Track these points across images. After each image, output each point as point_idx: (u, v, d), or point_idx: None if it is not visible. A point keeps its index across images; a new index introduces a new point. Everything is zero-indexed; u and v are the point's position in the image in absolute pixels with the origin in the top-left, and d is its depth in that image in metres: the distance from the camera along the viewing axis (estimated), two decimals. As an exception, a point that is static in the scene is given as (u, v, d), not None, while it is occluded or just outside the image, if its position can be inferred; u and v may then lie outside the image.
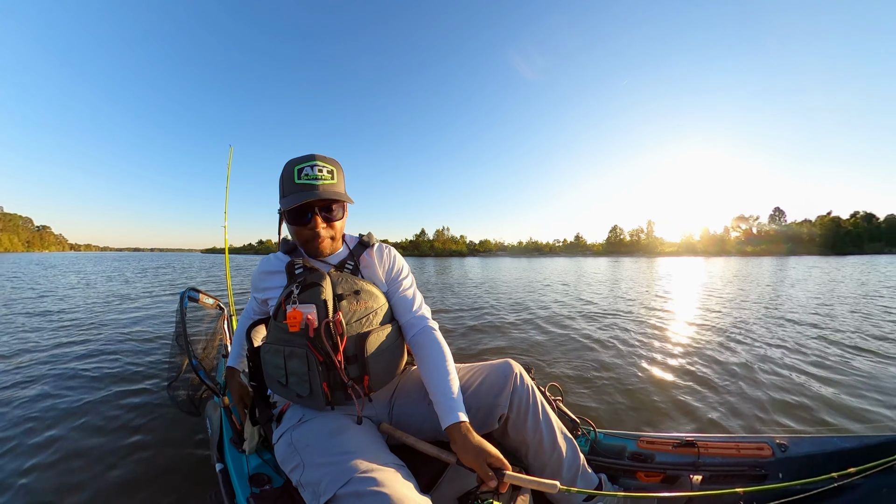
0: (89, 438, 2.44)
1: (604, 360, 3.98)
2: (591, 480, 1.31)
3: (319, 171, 1.17)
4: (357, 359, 1.17)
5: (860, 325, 5.61)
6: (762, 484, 1.28)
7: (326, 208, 1.22)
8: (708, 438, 1.36)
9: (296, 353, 1.13)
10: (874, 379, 3.33)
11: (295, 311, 1.10)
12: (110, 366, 3.85)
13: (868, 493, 1.16)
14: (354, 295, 1.21)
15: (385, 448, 1.11)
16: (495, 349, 4.68)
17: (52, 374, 3.62)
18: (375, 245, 1.42)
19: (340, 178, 1.23)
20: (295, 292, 1.14)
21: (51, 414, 2.78)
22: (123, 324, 5.93)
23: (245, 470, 1.31)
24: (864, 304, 7.58)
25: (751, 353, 4.21)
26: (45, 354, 4.27)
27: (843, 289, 10.58)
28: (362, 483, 0.90)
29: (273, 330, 1.23)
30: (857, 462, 1.19)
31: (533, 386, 1.35)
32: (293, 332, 1.12)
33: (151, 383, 3.37)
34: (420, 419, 1.32)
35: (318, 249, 1.25)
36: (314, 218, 1.19)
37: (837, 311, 6.85)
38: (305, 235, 1.22)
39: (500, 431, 1.35)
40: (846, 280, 13.47)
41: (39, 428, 2.57)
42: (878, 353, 4.14)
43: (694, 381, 3.33)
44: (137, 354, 4.25)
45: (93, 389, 3.24)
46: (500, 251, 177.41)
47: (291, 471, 1.09)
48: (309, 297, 1.14)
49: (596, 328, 5.64)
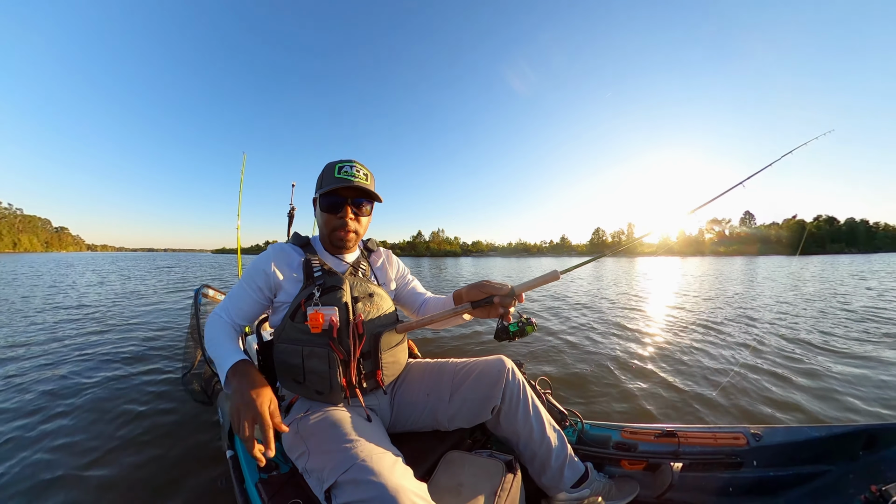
0: (109, 424, 2.46)
1: (587, 352, 4.00)
2: (578, 469, 1.30)
3: (357, 171, 1.21)
4: (371, 355, 1.21)
5: (818, 319, 5.67)
6: (738, 471, 1.28)
7: (357, 203, 1.25)
8: (687, 429, 1.36)
9: (316, 353, 1.13)
10: (830, 370, 3.36)
11: (317, 312, 1.10)
12: (130, 356, 3.91)
13: (836, 479, 1.16)
14: (369, 298, 1.24)
15: (385, 439, 1.11)
16: (488, 343, 4.63)
17: (78, 359, 3.76)
18: (382, 251, 1.48)
19: (372, 181, 1.27)
20: (316, 295, 1.14)
21: (74, 393, 2.90)
22: (142, 319, 5.89)
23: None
24: (825, 300, 7.67)
25: (716, 343, 4.24)
26: (78, 341, 4.48)
27: (808, 288, 10.69)
28: (361, 471, 0.90)
29: (289, 330, 1.18)
30: (826, 450, 1.20)
31: (524, 380, 1.36)
32: (314, 333, 1.11)
33: (167, 374, 3.37)
34: (419, 410, 1.34)
35: (344, 240, 1.26)
36: (346, 208, 1.22)
37: (799, 306, 6.92)
38: (334, 224, 1.24)
39: (493, 422, 1.36)
40: (811, 279, 13.63)
41: (62, 404, 2.69)
42: (838, 351, 4.18)
43: (662, 371, 3.35)
44: (155, 347, 4.26)
45: (115, 377, 3.28)
46: (492, 251, 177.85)
47: (297, 458, 1.09)
48: (330, 299, 1.16)
49: (582, 323, 5.65)
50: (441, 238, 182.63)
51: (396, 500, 0.84)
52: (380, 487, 0.85)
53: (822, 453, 1.20)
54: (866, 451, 1.16)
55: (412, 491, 0.88)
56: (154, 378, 3.26)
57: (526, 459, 1.32)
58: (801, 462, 1.22)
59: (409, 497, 0.86)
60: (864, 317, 5.87)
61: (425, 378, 1.39)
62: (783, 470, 1.24)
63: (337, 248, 1.30)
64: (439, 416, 1.33)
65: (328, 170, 1.23)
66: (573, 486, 1.27)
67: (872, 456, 1.14)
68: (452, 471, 1.23)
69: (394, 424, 1.36)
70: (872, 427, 1.17)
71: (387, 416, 1.34)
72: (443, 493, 1.13)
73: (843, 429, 1.20)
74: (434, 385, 1.36)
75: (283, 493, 1.11)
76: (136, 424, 2.45)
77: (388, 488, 0.85)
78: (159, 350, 4.17)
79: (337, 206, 1.22)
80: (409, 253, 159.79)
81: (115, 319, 5.91)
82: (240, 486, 1.19)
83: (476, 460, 1.27)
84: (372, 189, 1.25)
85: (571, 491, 1.27)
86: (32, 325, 5.46)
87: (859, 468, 1.14)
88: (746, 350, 4.07)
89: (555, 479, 1.27)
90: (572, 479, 1.28)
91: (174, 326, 5.40)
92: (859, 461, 1.15)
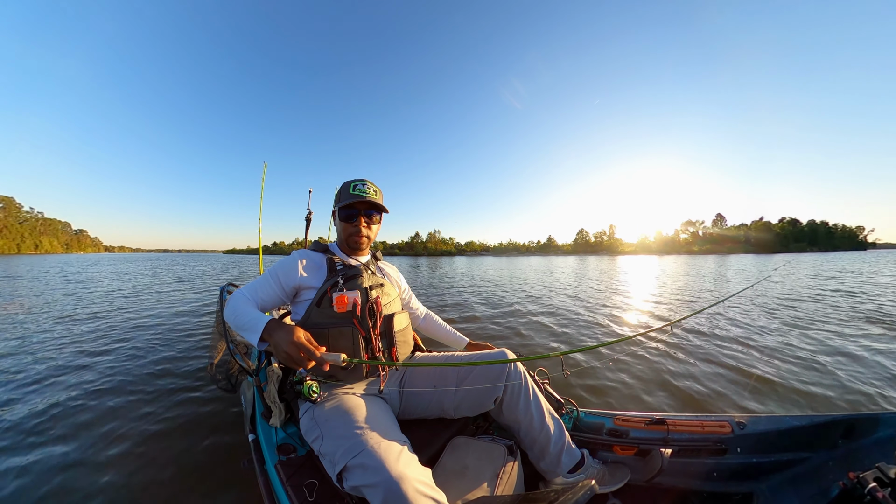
0: (145, 418, 2.46)
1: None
2: (575, 455, 1.30)
3: (368, 188, 1.36)
4: (387, 335, 1.32)
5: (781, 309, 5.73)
6: (723, 457, 1.27)
7: (369, 214, 1.39)
8: (676, 417, 1.35)
9: (342, 333, 1.22)
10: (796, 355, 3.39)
11: (343, 295, 1.22)
12: (161, 348, 3.90)
13: (815, 466, 1.16)
14: (380, 287, 1.37)
15: (394, 426, 1.12)
16: (491, 336, 4.65)
17: (116, 349, 3.86)
18: (389, 265, 1.62)
19: (381, 196, 1.42)
20: (341, 282, 1.27)
21: (111, 378, 3.01)
22: (169, 313, 5.85)
23: (273, 440, 1.32)
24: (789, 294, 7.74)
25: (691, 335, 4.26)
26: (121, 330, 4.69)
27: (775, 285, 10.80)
28: (370, 457, 0.92)
29: (314, 316, 1.25)
30: (806, 439, 1.20)
31: (525, 372, 1.36)
32: (340, 314, 1.22)
33: (195, 363, 3.40)
34: (427, 400, 1.36)
35: (358, 243, 1.39)
36: (360, 218, 1.36)
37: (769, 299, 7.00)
38: (350, 230, 1.38)
39: (496, 411, 1.36)
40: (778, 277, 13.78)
41: (101, 389, 2.79)
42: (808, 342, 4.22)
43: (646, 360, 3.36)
44: (184, 339, 4.29)
45: (149, 365, 3.34)
46: (484, 251, 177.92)
47: (313, 441, 1.11)
48: (352, 285, 1.29)
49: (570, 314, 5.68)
50: (437, 238, 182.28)
51: (400, 485, 0.85)
52: (385, 473, 0.87)
53: (803, 441, 1.19)
54: (845, 440, 1.15)
55: (415, 478, 0.89)
56: (184, 366, 3.32)
57: (526, 445, 1.32)
58: (783, 449, 1.22)
59: (411, 483, 0.87)
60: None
61: (432, 370, 1.39)
62: (765, 457, 1.23)
63: (353, 250, 1.43)
64: (445, 406, 1.34)
65: (345, 187, 1.37)
66: (570, 471, 1.27)
67: (850, 444, 1.14)
68: (458, 454, 1.25)
69: (403, 412, 1.37)
70: (851, 417, 1.17)
71: (396, 404, 1.36)
72: (449, 475, 1.15)
73: (822, 418, 1.20)
74: (440, 376, 1.37)
75: (300, 474, 1.13)
76: (167, 408, 2.49)
77: (393, 475, 0.87)
78: (188, 339, 4.27)
79: (352, 217, 1.36)
80: (407, 252, 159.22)
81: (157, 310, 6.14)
82: (261, 467, 1.22)
83: (480, 445, 1.28)
84: (380, 202, 1.39)
85: (568, 476, 1.27)
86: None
87: (838, 456, 1.13)
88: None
89: (553, 464, 1.27)
90: (569, 464, 1.27)
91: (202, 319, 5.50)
92: (838, 449, 1.15)
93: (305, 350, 1.05)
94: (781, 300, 6.91)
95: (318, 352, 1.06)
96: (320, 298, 1.25)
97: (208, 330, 4.75)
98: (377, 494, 0.86)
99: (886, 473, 0.85)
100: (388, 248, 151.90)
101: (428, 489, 0.89)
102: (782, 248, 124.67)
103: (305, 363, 1.05)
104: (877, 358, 3.35)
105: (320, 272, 1.33)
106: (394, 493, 0.85)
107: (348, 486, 0.95)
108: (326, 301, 1.24)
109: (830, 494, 0.99)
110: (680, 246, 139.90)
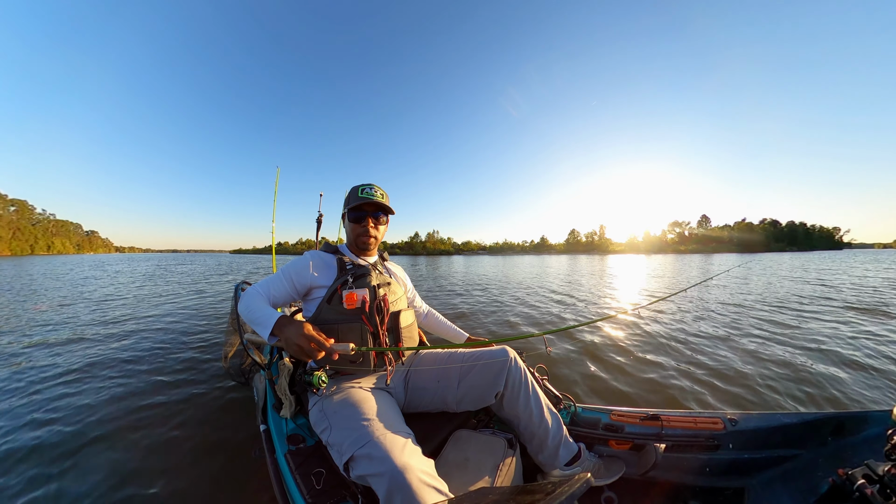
0: (162, 394, 2.53)
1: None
2: (572, 449, 1.29)
3: (375, 191, 1.38)
4: (394, 330, 1.33)
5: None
6: (715, 453, 1.26)
7: (376, 216, 1.41)
8: (670, 413, 1.34)
9: (351, 328, 1.23)
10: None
11: (352, 293, 1.24)
12: (178, 341, 3.94)
13: (806, 463, 1.14)
14: (387, 285, 1.38)
15: (399, 418, 1.11)
16: (492, 333, 4.64)
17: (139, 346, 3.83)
18: (395, 266, 1.62)
19: (387, 199, 1.42)
20: (350, 280, 1.27)
21: (129, 373, 2.99)
22: (182, 312, 5.76)
23: (284, 431, 1.32)
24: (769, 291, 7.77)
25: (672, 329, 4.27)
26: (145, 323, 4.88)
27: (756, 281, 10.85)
28: (375, 447, 0.92)
29: (325, 313, 1.26)
30: (797, 436, 1.18)
31: (525, 368, 1.35)
32: (350, 310, 1.24)
33: (209, 356, 3.42)
34: (430, 394, 1.36)
35: (367, 244, 1.41)
36: (367, 219, 1.38)
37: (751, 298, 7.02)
38: (358, 231, 1.40)
39: (497, 405, 1.35)
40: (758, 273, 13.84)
41: (124, 383, 2.78)
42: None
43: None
44: (201, 335, 4.30)
45: (166, 359, 3.35)
46: (481, 251, 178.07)
47: (321, 432, 1.11)
48: (361, 283, 1.29)
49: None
50: (435, 238, 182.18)
51: (404, 475, 0.85)
52: (391, 463, 0.87)
53: (794, 438, 1.18)
54: (834, 437, 1.14)
55: (419, 468, 0.89)
56: (201, 357, 3.36)
57: (525, 439, 1.31)
58: (774, 446, 1.20)
59: (415, 473, 0.87)
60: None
61: (436, 365, 1.39)
62: (757, 453, 1.22)
63: (361, 250, 1.44)
64: (448, 400, 1.34)
65: (353, 191, 1.40)
66: (567, 463, 1.26)
67: (840, 442, 1.12)
68: (460, 447, 1.25)
69: (407, 406, 1.37)
70: (840, 415, 1.16)
71: (401, 398, 1.36)
72: (451, 467, 1.15)
73: (813, 416, 1.19)
74: (444, 372, 1.36)
75: (308, 464, 1.12)
76: (182, 398, 2.49)
77: (398, 465, 0.87)
78: (204, 334, 4.30)
79: (361, 218, 1.38)
80: (406, 252, 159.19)
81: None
82: (271, 456, 1.21)
83: (481, 438, 1.28)
84: (387, 205, 1.40)
85: (565, 468, 1.26)
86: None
87: (828, 453, 1.12)
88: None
89: (551, 457, 1.26)
90: (566, 457, 1.26)
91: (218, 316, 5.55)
92: (828, 446, 1.13)
93: (315, 340, 1.05)
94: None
95: (328, 343, 1.07)
96: (331, 296, 1.26)
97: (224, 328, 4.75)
98: (382, 483, 0.86)
99: (875, 470, 0.84)
100: (388, 247, 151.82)
101: (431, 479, 0.88)
102: (764, 247, 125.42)
103: (315, 354, 1.06)
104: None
105: (331, 271, 1.33)
106: (398, 483, 0.85)
107: (355, 475, 0.95)
108: (336, 298, 1.26)
109: (820, 490, 0.97)
110: (667, 245, 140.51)
